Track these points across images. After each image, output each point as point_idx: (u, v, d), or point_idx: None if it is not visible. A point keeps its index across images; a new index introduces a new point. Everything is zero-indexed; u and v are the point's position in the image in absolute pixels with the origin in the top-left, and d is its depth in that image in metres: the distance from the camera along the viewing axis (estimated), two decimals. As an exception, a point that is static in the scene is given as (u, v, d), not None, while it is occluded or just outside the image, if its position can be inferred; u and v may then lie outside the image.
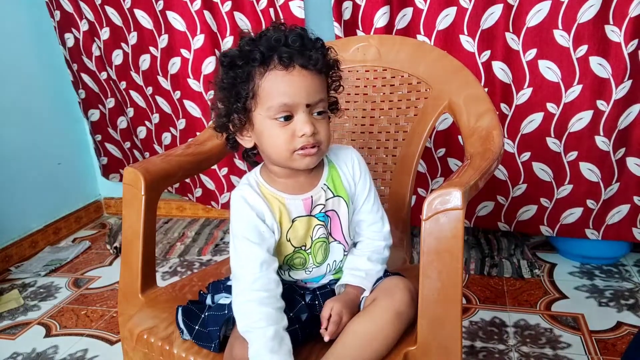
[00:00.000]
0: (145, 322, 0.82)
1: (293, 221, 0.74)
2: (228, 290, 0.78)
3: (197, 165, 1.01)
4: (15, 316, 1.56)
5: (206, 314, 0.75)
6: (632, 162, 1.43)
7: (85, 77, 2.03)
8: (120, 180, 2.24)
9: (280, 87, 0.67)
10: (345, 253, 0.80)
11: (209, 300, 0.81)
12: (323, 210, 0.76)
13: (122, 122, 2.09)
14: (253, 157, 0.78)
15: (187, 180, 2.05)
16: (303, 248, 0.76)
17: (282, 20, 0.76)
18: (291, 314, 0.72)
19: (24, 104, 1.95)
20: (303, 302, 0.75)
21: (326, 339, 0.69)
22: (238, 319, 0.69)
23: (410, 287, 0.73)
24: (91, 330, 1.46)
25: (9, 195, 1.88)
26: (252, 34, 0.71)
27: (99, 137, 2.17)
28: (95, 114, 2.12)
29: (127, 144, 2.15)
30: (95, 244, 2.06)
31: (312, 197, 0.75)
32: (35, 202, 2.00)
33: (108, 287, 1.70)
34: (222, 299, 0.79)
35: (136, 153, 2.15)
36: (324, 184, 0.76)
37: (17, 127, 1.91)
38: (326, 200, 0.76)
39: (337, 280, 0.80)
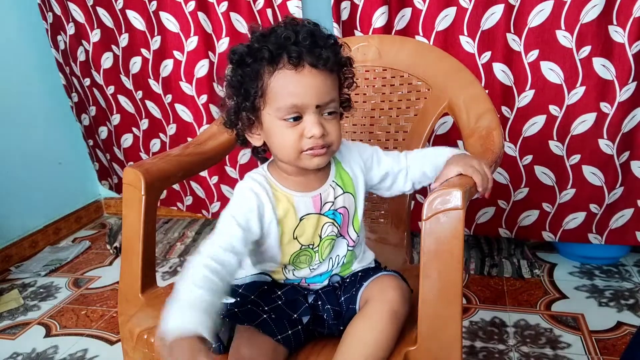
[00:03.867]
0: (145, 322, 0.82)
1: (301, 219, 0.73)
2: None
3: (197, 165, 1.01)
4: (15, 316, 1.56)
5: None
6: (636, 166, 1.41)
7: (75, 82, 2.01)
8: (110, 188, 2.24)
9: (289, 88, 0.66)
10: (349, 248, 0.79)
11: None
12: (332, 208, 0.75)
13: (102, 133, 2.07)
14: (263, 153, 0.78)
15: (177, 188, 2.03)
16: (311, 246, 0.75)
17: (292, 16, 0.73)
18: (295, 316, 0.72)
19: (24, 104, 1.95)
20: (306, 304, 0.74)
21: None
22: (185, 272, 0.64)
23: (401, 284, 0.73)
24: (91, 330, 1.46)
25: (9, 195, 1.88)
26: (263, 29, 0.69)
27: (91, 142, 2.16)
28: (85, 119, 2.11)
29: (108, 156, 2.13)
30: (95, 244, 2.06)
31: (320, 194, 0.74)
32: (35, 202, 2.00)
33: (108, 287, 1.70)
34: (221, 299, 0.78)
35: (115, 166, 2.12)
36: (333, 181, 0.76)
37: (17, 127, 1.91)
38: (335, 197, 0.75)
39: (341, 277, 0.79)
